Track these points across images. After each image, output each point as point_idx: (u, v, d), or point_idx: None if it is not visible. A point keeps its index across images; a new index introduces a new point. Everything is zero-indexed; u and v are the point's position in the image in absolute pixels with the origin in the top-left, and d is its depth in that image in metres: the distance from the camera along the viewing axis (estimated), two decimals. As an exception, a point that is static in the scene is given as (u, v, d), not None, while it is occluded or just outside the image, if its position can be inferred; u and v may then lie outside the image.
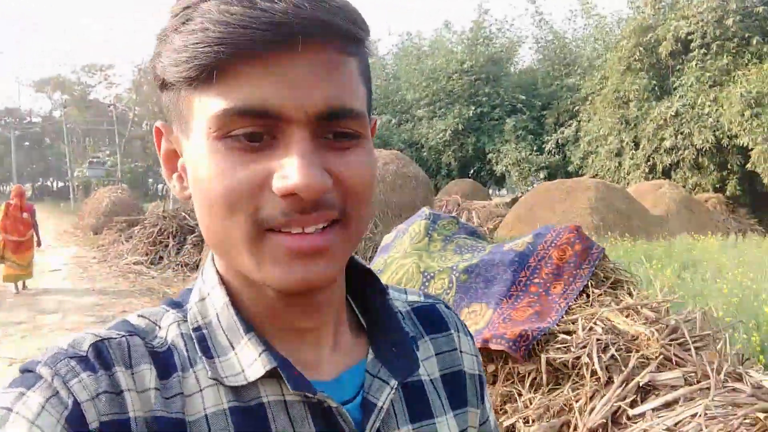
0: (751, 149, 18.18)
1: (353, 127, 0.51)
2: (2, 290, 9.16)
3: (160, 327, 0.56)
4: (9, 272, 8.96)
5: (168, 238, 10.70)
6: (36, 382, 0.47)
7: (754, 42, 19.32)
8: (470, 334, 0.74)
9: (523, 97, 28.09)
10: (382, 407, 0.57)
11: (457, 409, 0.66)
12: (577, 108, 25.53)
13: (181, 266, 9.81)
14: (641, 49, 21.51)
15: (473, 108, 27.99)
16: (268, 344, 0.54)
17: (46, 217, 19.26)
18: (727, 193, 19.97)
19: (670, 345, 2.77)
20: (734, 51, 19.69)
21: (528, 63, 33.42)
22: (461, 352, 0.70)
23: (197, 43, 0.47)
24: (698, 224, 16.84)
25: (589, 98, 24.49)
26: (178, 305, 0.59)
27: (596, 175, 23.20)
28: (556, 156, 26.38)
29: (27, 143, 58.03)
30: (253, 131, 0.49)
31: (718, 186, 20.26)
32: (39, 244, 9.59)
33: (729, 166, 19.82)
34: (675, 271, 7.81)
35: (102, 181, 32.56)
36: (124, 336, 0.53)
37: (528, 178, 26.23)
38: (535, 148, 26.16)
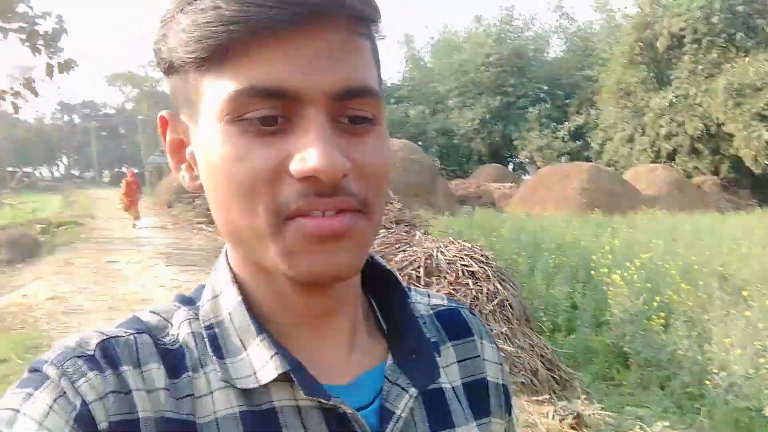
0: (734, 136, 20.41)
1: (369, 109, 0.50)
2: (110, 234, 14.72)
3: (171, 324, 0.55)
4: (130, 215, 16.14)
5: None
6: (43, 382, 0.47)
7: (738, 37, 21.51)
8: (495, 343, 0.70)
9: (546, 88, 30.51)
10: (400, 416, 0.55)
11: (481, 418, 0.63)
12: (596, 97, 27.79)
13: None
14: (641, 44, 23.79)
15: (499, 98, 30.62)
16: (281, 346, 0.52)
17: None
18: (721, 175, 22.16)
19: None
20: (722, 45, 21.90)
21: (553, 55, 35.64)
22: (484, 359, 0.67)
23: (208, 22, 0.45)
24: (688, 203, 19.15)
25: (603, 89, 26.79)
26: (190, 302, 0.58)
27: (610, 160, 25.63)
28: (578, 142, 28.75)
29: (104, 133, 63.83)
30: (268, 114, 0.47)
31: (713, 169, 22.45)
32: (139, 198, 16.64)
33: (722, 152, 22.01)
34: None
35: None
36: (132, 334, 0.52)
37: (551, 162, 28.57)
38: (557, 135, 28.59)
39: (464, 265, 4.40)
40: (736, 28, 21.77)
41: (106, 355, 0.49)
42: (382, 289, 0.63)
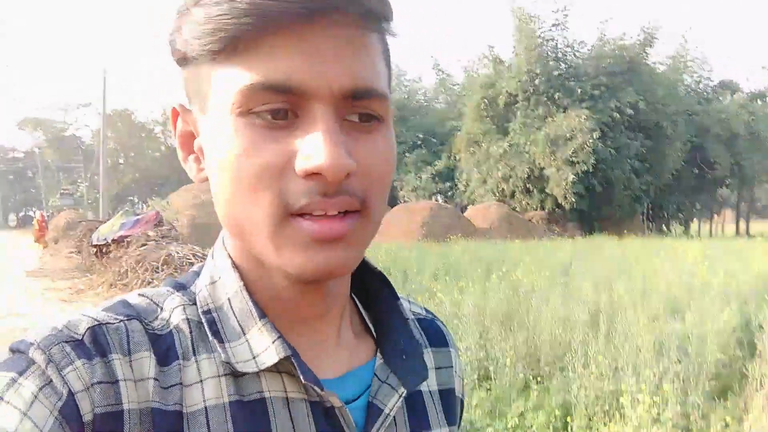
0: (551, 178, 24.74)
1: (376, 109, 0.50)
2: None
3: (162, 309, 0.54)
4: (40, 244, 22.40)
5: (88, 236, 17.29)
6: (28, 367, 0.45)
7: (557, 97, 26.03)
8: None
9: (422, 135, 34.41)
10: (389, 414, 0.56)
11: (450, 426, 0.66)
12: (453, 145, 31.89)
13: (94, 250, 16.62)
14: (486, 101, 28.10)
15: (380, 144, 34.24)
16: (281, 333, 0.52)
17: (28, 239, 26.70)
18: (547, 210, 26.41)
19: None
20: (546, 103, 26.35)
21: (435, 107, 40.02)
22: (455, 372, 0.70)
23: (222, 15, 0.45)
24: (516, 234, 22.84)
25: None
26: (182, 287, 0.57)
27: (469, 198, 29.58)
28: (447, 183, 32.61)
29: (11, 176, 64.13)
30: (277, 108, 0.47)
31: (540, 205, 26.70)
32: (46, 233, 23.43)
33: (546, 191, 26.30)
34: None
35: (71, 209, 38.45)
36: (122, 321, 0.50)
37: (422, 201, 32.15)
38: (430, 177, 32.42)
39: (190, 263, 7.56)
40: (555, 90, 26.34)
41: (96, 342, 0.48)
42: (369, 288, 0.64)
